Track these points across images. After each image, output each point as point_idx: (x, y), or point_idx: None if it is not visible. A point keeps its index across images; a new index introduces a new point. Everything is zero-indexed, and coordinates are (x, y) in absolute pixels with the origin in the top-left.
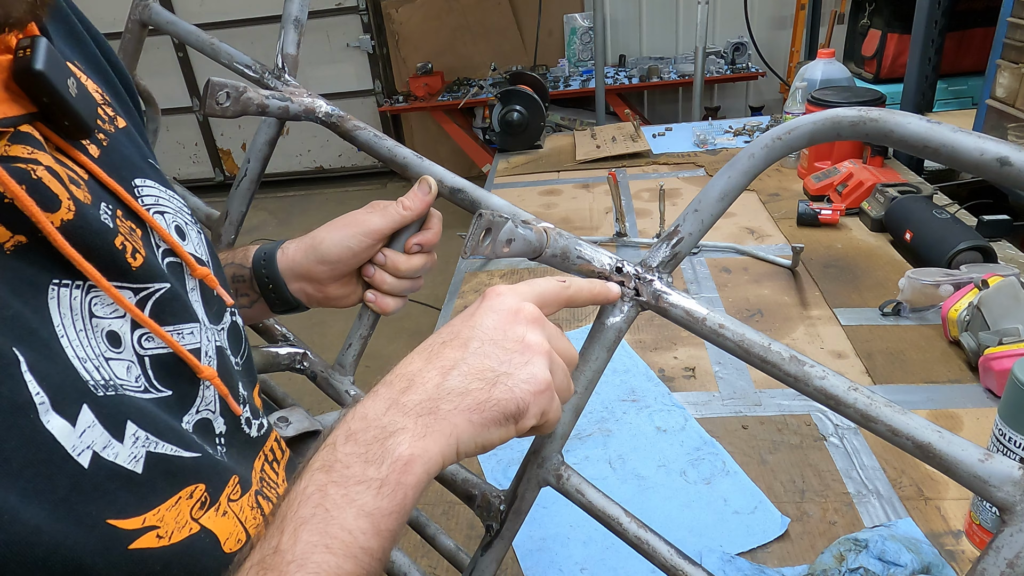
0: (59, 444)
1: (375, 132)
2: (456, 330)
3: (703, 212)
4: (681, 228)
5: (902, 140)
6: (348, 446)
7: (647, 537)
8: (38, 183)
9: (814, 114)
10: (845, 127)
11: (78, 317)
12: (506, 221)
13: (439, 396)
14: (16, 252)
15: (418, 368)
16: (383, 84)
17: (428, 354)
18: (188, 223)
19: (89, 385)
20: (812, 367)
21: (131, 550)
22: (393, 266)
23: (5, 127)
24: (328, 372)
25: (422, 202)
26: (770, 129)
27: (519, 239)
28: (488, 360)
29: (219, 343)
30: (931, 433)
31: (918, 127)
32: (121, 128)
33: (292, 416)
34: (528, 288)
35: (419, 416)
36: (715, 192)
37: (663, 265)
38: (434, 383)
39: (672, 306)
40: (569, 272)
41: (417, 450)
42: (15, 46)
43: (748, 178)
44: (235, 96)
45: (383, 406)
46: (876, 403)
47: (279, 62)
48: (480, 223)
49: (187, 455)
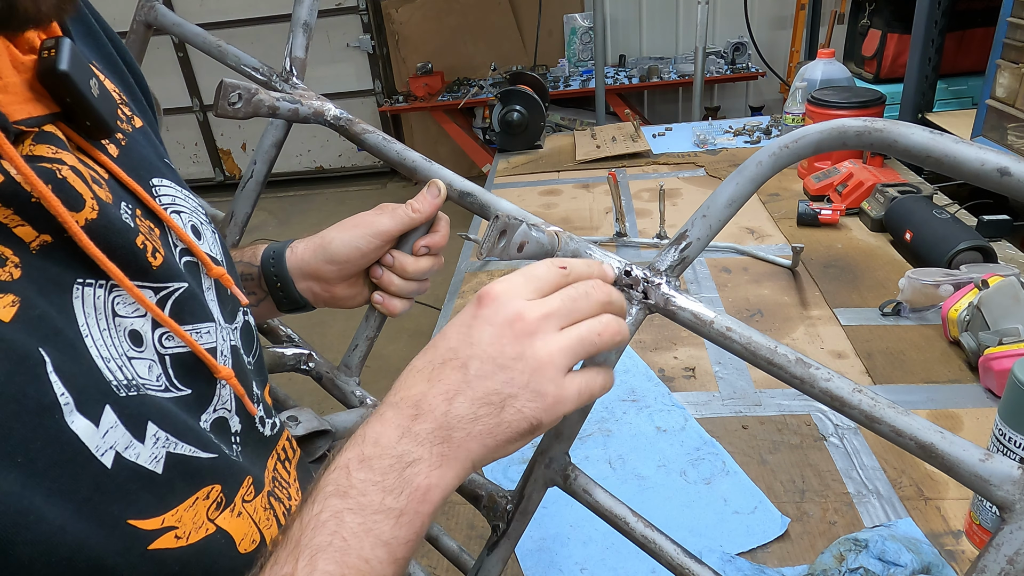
0: (83, 444)
1: (384, 136)
2: (453, 347)
3: (711, 218)
4: (689, 233)
5: (906, 150)
6: (363, 472)
7: (654, 536)
8: (63, 183)
9: (820, 124)
10: (851, 137)
11: (101, 316)
12: (520, 224)
13: (449, 424)
14: (42, 251)
15: (422, 392)
16: (383, 84)
17: (429, 375)
18: (203, 222)
19: (112, 386)
20: (818, 369)
21: (151, 550)
22: (401, 268)
23: (30, 127)
24: (334, 373)
25: (431, 205)
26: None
27: (532, 241)
28: (491, 382)
29: (233, 342)
30: (933, 434)
31: (921, 138)
32: (138, 128)
33: (301, 416)
34: (523, 280)
35: (433, 445)
36: (723, 198)
37: (671, 269)
38: (441, 410)
39: (680, 309)
40: None
41: (434, 479)
42: (40, 46)
43: (756, 185)
44: (247, 98)
45: (395, 433)
46: (880, 404)
47: (287, 65)
48: (496, 225)
49: (204, 456)
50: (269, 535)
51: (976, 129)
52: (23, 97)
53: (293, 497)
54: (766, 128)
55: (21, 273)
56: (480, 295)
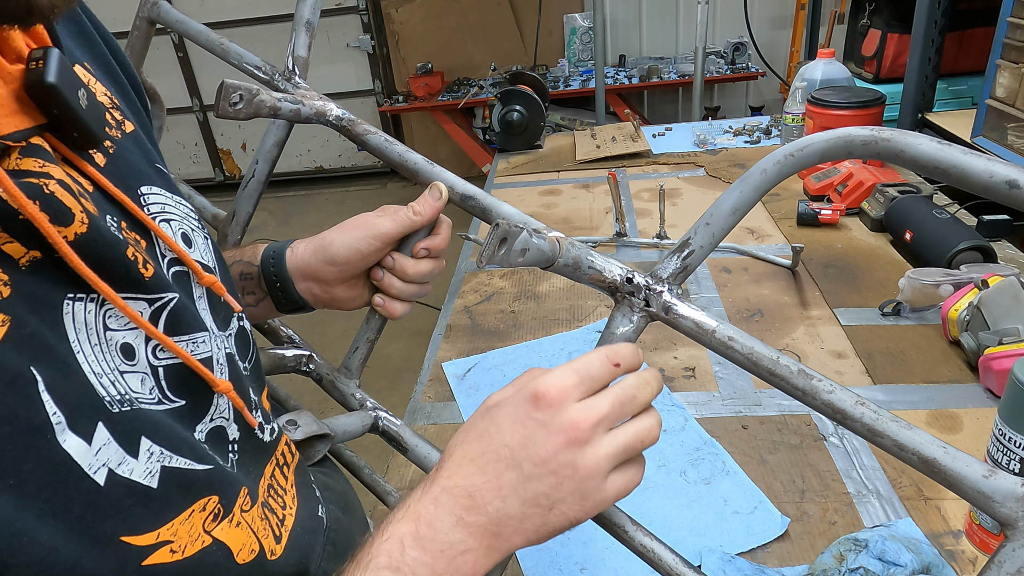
0: (75, 463)
1: (386, 137)
2: (509, 444)
3: (714, 226)
4: (692, 241)
5: (913, 161)
6: (416, 551)
7: (652, 545)
8: (51, 198)
9: (826, 132)
10: (857, 146)
11: (92, 332)
12: (521, 231)
13: (500, 520)
14: (31, 268)
15: (476, 486)
16: (383, 84)
17: (483, 467)
18: (194, 229)
19: (105, 402)
20: (820, 381)
21: (144, 566)
22: (401, 270)
23: (16, 141)
24: (334, 375)
25: (432, 208)
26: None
27: (533, 249)
28: (542, 486)
29: (228, 349)
30: (936, 449)
31: (928, 148)
32: (128, 133)
33: (300, 419)
34: (578, 380)
35: (484, 538)
36: (727, 206)
37: (673, 277)
38: (494, 507)
39: (682, 318)
40: (580, 281)
41: (480, 569)
42: (27, 56)
43: (760, 193)
44: (248, 98)
45: (450, 520)
46: (882, 418)
47: (290, 64)
48: (497, 233)
49: (200, 468)
50: (267, 545)
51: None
52: (9, 110)
53: (288, 505)
54: (766, 128)
55: (11, 291)
56: (536, 394)
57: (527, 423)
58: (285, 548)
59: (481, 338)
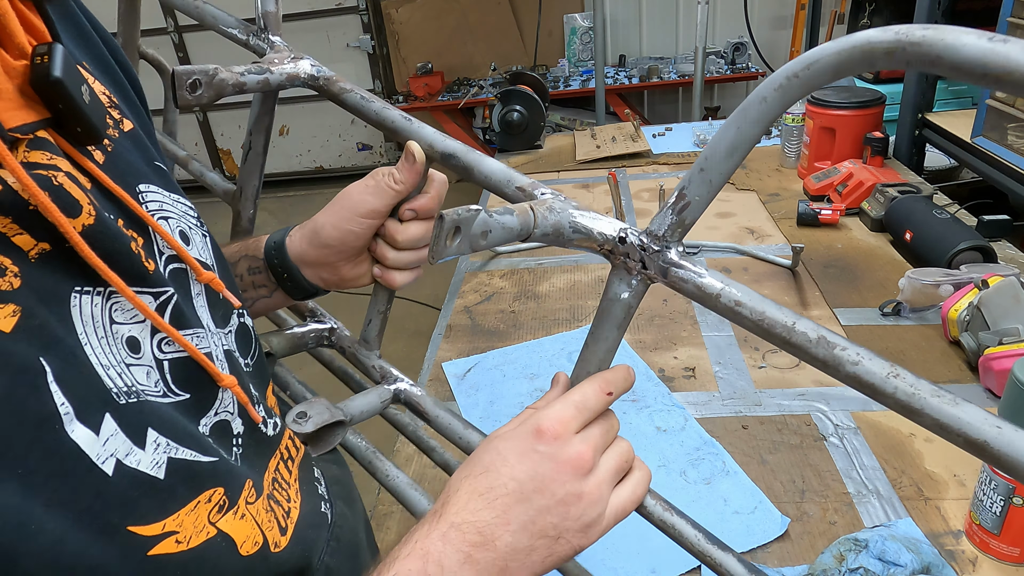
0: (84, 453)
1: (362, 95)
2: (518, 478)
3: (710, 171)
4: (687, 191)
5: (955, 66)
6: None
7: (673, 520)
8: (59, 189)
9: (837, 42)
10: (879, 56)
11: (100, 325)
12: (477, 213)
13: (508, 555)
14: (40, 260)
15: (486, 522)
16: (383, 84)
17: (491, 502)
18: (192, 227)
19: (112, 393)
20: (844, 350)
21: (150, 556)
22: (391, 237)
23: (24, 134)
24: (355, 347)
25: (411, 172)
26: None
27: (496, 228)
28: (550, 517)
29: (228, 347)
30: (988, 428)
31: (976, 48)
32: (127, 132)
33: (312, 410)
34: (576, 412)
35: (490, 574)
36: (723, 147)
37: (671, 232)
38: (504, 542)
39: (682, 280)
40: (568, 246)
41: None
42: (32, 52)
43: (761, 128)
44: (206, 81)
45: (458, 557)
46: (921, 392)
47: (259, 21)
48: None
49: (205, 460)
50: (271, 537)
51: (976, 129)
52: (16, 103)
53: (292, 499)
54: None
55: (21, 282)
56: (539, 429)
57: (533, 456)
58: (290, 541)
59: (481, 338)
